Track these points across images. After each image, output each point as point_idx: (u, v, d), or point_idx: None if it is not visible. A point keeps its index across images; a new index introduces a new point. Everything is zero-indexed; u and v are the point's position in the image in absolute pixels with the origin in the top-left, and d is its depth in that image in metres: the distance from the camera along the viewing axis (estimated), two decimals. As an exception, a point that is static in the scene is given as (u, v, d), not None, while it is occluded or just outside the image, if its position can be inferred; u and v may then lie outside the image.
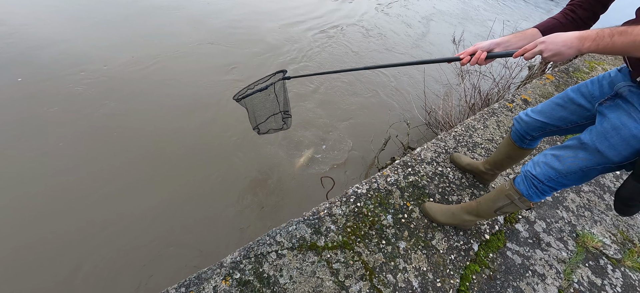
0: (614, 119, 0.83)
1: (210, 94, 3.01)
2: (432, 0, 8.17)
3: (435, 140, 1.78)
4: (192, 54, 3.53)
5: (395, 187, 1.48)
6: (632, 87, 0.83)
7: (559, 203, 1.71)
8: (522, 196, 1.04)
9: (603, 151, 0.84)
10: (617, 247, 1.59)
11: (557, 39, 0.76)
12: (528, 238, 1.48)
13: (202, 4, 4.59)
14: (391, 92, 3.80)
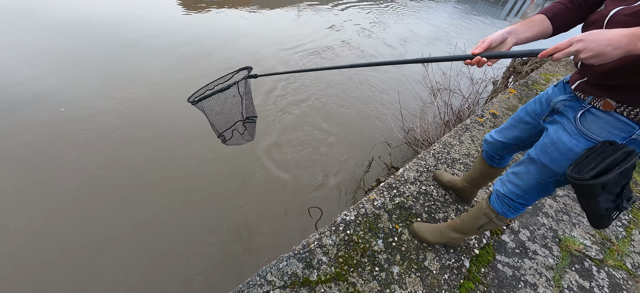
0: (552, 134, 0.88)
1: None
2: (408, 24, 9.40)
3: (416, 159, 1.83)
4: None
5: (383, 210, 1.48)
6: (565, 101, 0.88)
7: (538, 210, 1.78)
8: (498, 214, 1.08)
9: (547, 165, 0.88)
10: (598, 248, 1.65)
11: (601, 37, 0.61)
12: (515, 249, 1.51)
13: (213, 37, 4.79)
14: (369, 114, 3.92)
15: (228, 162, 2.61)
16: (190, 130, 2.89)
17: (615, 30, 0.61)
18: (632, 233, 1.82)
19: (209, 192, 2.35)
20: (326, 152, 3.08)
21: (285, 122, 3.39)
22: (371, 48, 6.44)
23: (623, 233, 1.79)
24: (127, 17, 5.17)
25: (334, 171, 2.86)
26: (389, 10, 11.41)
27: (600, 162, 0.71)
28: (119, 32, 4.62)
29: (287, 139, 3.14)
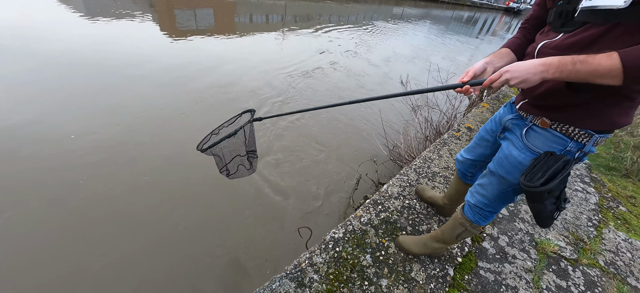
0: (505, 149, 1.01)
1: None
2: (389, 44, 10.11)
3: (399, 175, 1.93)
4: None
5: (370, 226, 1.56)
6: (513, 120, 1.01)
7: (515, 216, 1.89)
8: (472, 223, 1.18)
9: (504, 176, 1.00)
10: (572, 248, 1.77)
11: (521, 67, 0.75)
12: (495, 254, 1.60)
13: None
14: (355, 133, 4.05)
15: (228, 184, 2.66)
16: (191, 150, 2.98)
17: (534, 60, 0.75)
18: (602, 232, 1.95)
19: (211, 211, 2.41)
20: (316, 170, 3.16)
21: (279, 139, 3.49)
22: (358, 68, 6.83)
23: (594, 233, 1.92)
24: (120, 51, 5.28)
25: (324, 188, 2.93)
26: (370, 33, 12.11)
27: (546, 171, 0.82)
28: (116, 64, 4.73)
29: (282, 155, 3.25)
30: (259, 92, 4.68)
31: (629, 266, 1.73)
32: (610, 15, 0.69)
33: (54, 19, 6.48)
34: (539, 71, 0.73)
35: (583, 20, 0.75)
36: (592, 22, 0.73)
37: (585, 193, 2.29)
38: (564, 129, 0.86)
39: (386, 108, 4.65)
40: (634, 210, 2.27)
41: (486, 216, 1.14)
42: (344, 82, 5.78)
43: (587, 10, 0.73)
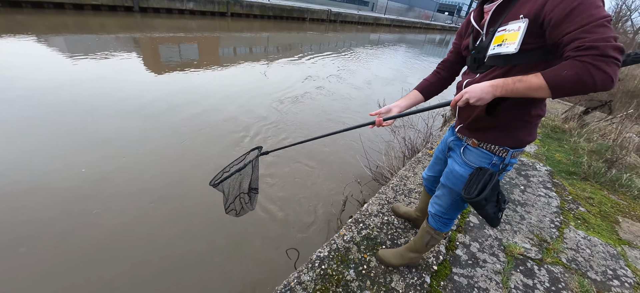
0: (449, 165, 1.21)
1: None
2: (371, 68, 10.87)
3: (378, 194, 2.10)
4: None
5: (352, 243, 1.68)
6: (453, 141, 1.22)
7: (485, 224, 2.07)
8: (436, 230, 1.34)
9: (452, 188, 1.19)
10: (537, 249, 1.94)
11: (477, 89, 0.89)
12: (468, 260, 1.75)
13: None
14: (340, 157, 4.23)
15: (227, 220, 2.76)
16: (192, 177, 3.31)
17: (486, 83, 0.89)
18: (564, 232, 2.15)
19: (209, 236, 2.52)
20: (304, 193, 3.27)
21: (269, 166, 3.62)
22: (343, 91, 7.41)
23: (556, 234, 2.12)
24: (115, 88, 5.38)
25: (313, 211, 3.04)
26: (351, 58, 12.79)
27: (478, 183, 1.01)
28: (112, 100, 4.85)
29: (271, 179, 3.40)
30: (250, 120, 4.90)
31: (588, 261, 1.92)
32: (508, 59, 0.91)
33: (39, 59, 6.53)
34: (490, 91, 0.88)
35: (490, 64, 0.97)
36: (497, 65, 0.95)
37: (547, 198, 2.52)
38: (488, 147, 1.06)
39: (368, 131, 4.91)
40: (592, 209, 2.51)
41: (446, 223, 1.31)
42: (330, 106, 6.16)
43: (492, 56, 0.95)
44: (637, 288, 1.79)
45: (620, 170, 3.00)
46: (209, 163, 3.65)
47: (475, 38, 1.04)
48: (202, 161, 3.69)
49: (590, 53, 0.70)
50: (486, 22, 0.98)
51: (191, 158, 3.67)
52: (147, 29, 12.68)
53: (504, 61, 0.92)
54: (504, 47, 0.90)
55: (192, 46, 11.17)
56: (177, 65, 8.08)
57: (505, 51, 0.89)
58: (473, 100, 0.90)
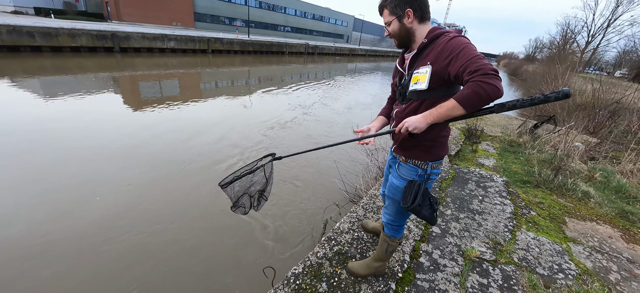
0: (390, 179, 1.45)
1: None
2: (351, 94, 11.66)
3: (349, 213, 2.29)
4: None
5: (325, 259, 1.84)
6: (392, 159, 1.47)
7: (446, 233, 2.29)
8: (390, 237, 1.55)
9: (394, 198, 1.43)
10: (491, 251, 2.17)
11: (413, 119, 1.13)
12: (430, 266, 1.94)
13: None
14: (319, 182, 4.42)
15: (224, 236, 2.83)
16: (190, 204, 3.55)
17: (419, 115, 1.13)
18: (516, 234, 2.41)
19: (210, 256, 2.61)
20: (289, 219, 3.40)
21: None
22: (327, 116, 8.04)
23: (509, 236, 2.37)
24: (108, 128, 5.37)
25: (296, 234, 3.17)
26: (333, 87, 13.47)
27: (411, 194, 1.25)
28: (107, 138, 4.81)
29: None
30: (240, 147, 5.12)
31: (537, 259, 2.16)
32: (420, 94, 1.19)
33: (8, 101, 6.46)
34: (423, 121, 1.12)
35: (410, 97, 1.25)
36: (414, 98, 1.23)
37: (502, 205, 2.81)
38: (413, 162, 1.32)
39: (343, 158, 5.18)
40: (542, 213, 2.81)
41: (396, 229, 1.52)
42: (316, 130, 6.64)
43: (411, 91, 1.23)
44: (578, 278, 2.04)
45: (565, 176, 3.38)
46: (199, 191, 3.77)
47: (400, 78, 1.33)
48: (192, 189, 3.79)
49: (477, 74, 0.98)
50: (406, 66, 1.27)
51: (187, 184, 3.82)
52: (128, 68, 12.84)
53: (417, 95, 1.21)
54: (418, 85, 1.19)
55: (173, 82, 11.38)
56: (157, 100, 8.22)
57: (419, 88, 1.18)
58: (411, 128, 1.14)
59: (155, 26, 27.51)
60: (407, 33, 1.22)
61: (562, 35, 36.60)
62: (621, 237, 2.61)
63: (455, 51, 1.06)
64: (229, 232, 3.14)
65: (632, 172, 3.83)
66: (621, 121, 6.08)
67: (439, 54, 1.11)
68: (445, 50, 1.09)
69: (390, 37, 1.27)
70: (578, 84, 10.40)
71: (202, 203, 3.60)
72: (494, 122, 6.37)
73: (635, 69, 28.84)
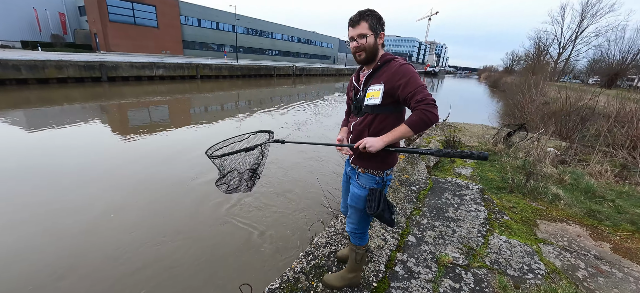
0: (352, 189, 1.55)
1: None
2: (342, 111, 12.36)
3: (327, 227, 2.36)
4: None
5: (302, 273, 1.90)
6: (351, 171, 1.58)
7: (421, 241, 2.38)
8: (356, 245, 1.64)
9: (356, 206, 1.53)
10: (464, 256, 2.26)
11: (372, 140, 1.29)
12: (404, 274, 2.01)
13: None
14: (300, 199, 4.48)
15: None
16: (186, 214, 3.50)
17: (377, 137, 1.31)
18: (488, 239, 2.51)
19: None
20: (276, 234, 3.42)
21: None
22: (319, 132, 8.51)
23: (482, 241, 2.47)
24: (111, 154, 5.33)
25: (283, 252, 3.19)
26: (323, 104, 13.84)
27: (374, 201, 1.37)
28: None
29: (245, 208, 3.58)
30: None
31: (508, 261, 2.26)
32: (374, 108, 1.36)
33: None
34: (381, 143, 1.30)
35: (365, 111, 1.41)
36: (368, 112, 1.39)
37: (477, 212, 2.93)
38: (371, 172, 1.45)
39: (327, 172, 5.28)
40: (514, 216, 2.94)
41: (361, 237, 1.62)
42: (308, 146, 6.78)
43: (366, 106, 1.39)
44: (547, 277, 2.13)
45: (537, 181, 3.55)
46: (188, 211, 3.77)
47: (356, 93, 1.49)
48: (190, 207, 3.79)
49: (422, 103, 1.21)
50: (362, 83, 1.43)
51: (181, 206, 3.80)
52: (116, 96, 12.87)
53: (371, 109, 1.37)
54: (372, 100, 1.36)
55: (163, 108, 11.44)
56: (146, 127, 8.24)
57: (374, 103, 1.35)
58: (369, 147, 1.30)
59: (143, 55, 27.82)
60: (375, 51, 1.36)
61: (535, 48, 38.88)
62: (589, 235, 2.75)
63: (406, 78, 1.27)
64: (205, 248, 3.16)
65: (600, 172, 4.05)
66: (591, 125, 6.42)
67: (392, 76, 1.30)
68: (397, 74, 1.29)
69: (357, 51, 1.35)
70: (552, 92, 10.96)
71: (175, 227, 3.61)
72: (472, 132, 6.63)
73: (606, 76, 30.58)
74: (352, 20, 1.33)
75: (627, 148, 4.88)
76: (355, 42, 1.34)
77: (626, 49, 30.86)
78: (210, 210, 3.96)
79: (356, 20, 1.32)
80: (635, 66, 31.30)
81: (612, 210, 3.18)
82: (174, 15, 32.78)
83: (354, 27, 1.33)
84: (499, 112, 15.89)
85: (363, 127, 1.41)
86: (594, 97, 6.85)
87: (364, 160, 1.46)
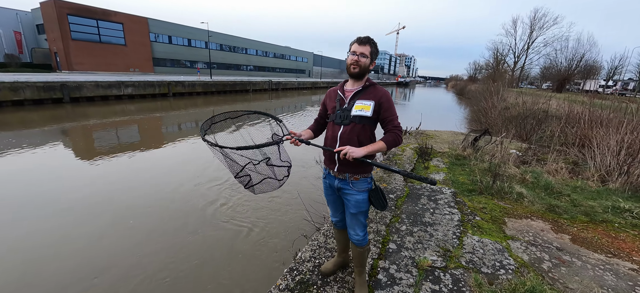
0: (351, 199, 1.66)
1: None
2: None
3: (310, 241, 2.38)
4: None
5: (287, 290, 1.89)
6: (339, 182, 1.67)
7: (401, 247, 2.47)
8: (365, 245, 1.79)
9: (360, 210, 1.68)
10: (442, 259, 2.37)
11: (355, 149, 1.47)
12: (387, 281, 2.07)
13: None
14: (282, 216, 4.45)
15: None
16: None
17: (360, 148, 1.49)
18: (462, 240, 2.65)
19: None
20: (258, 252, 3.35)
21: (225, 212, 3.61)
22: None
23: (457, 242, 2.61)
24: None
25: (267, 268, 3.12)
26: (303, 116, 13.93)
27: (379, 198, 1.60)
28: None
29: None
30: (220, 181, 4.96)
31: (481, 259, 2.40)
32: (363, 119, 1.56)
33: None
34: (362, 152, 1.48)
35: (353, 120, 1.57)
36: (357, 122, 1.57)
37: (451, 215, 3.09)
38: (363, 176, 1.62)
39: (307, 189, 5.31)
40: (485, 216, 3.13)
41: (367, 234, 1.79)
42: (293, 155, 6.69)
43: (355, 116, 1.57)
44: (517, 271, 2.29)
45: (502, 181, 3.82)
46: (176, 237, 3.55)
47: (341, 103, 1.64)
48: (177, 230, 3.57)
49: (396, 128, 1.57)
50: (349, 98, 1.62)
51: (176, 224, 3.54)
52: (80, 118, 12.10)
53: (360, 120, 1.58)
54: (363, 112, 1.57)
55: (133, 128, 10.92)
56: (115, 148, 7.80)
57: (364, 114, 1.57)
58: (350, 155, 1.47)
59: (110, 73, 26.54)
60: (366, 72, 1.62)
61: (494, 57, 42.47)
62: (551, 228, 2.99)
63: (389, 103, 1.59)
64: (188, 271, 3.02)
65: (556, 170, 4.44)
66: (546, 127, 7.05)
67: (380, 98, 1.58)
68: (384, 98, 1.58)
69: (354, 64, 1.57)
70: (512, 98, 11.89)
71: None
72: (442, 139, 7.02)
73: (556, 81, 33.90)
74: (361, 40, 1.57)
75: (577, 146, 5.41)
76: (356, 56, 1.56)
77: (571, 57, 34.74)
78: (192, 228, 3.82)
79: (365, 42, 1.57)
80: (580, 72, 35.07)
81: (568, 204, 3.49)
82: (143, 33, 31.78)
83: (360, 45, 1.57)
84: (467, 118, 16.89)
85: (352, 134, 1.58)
86: (547, 101, 7.54)
87: (355, 167, 1.61)
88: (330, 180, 1.74)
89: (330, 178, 1.74)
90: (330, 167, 1.69)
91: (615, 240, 2.80)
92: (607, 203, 3.51)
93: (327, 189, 1.81)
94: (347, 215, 1.75)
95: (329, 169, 1.72)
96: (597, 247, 2.67)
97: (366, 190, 1.65)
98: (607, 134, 4.94)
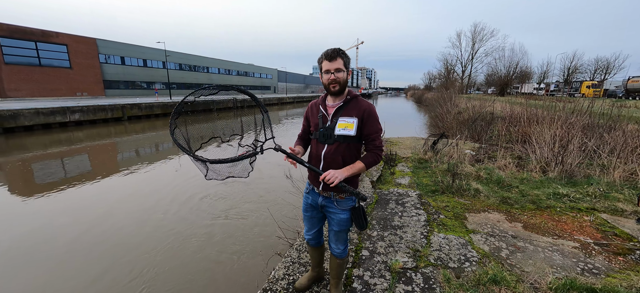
0: (335, 217, 1.66)
1: None
2: (292, 132, 12.40)
3: (283, 259, 2.32)
4: None
5: (261, 313, 1.82)
6: (324, 201, 1.66)
7: (374, 253, 2.51)
8: (345, 258, 1.80)
9: (344, 228, 1.68)
10: (412, 259, 2.46)
11: (337, 172, 1.45)
12: (362, 289, 2.08)
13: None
14: (254, 234, 4.31)
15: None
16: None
17: (341, 170, 1.49)
18: (430, 238, 2.78)
19: None
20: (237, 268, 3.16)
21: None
22: (277, 157, 8.07)
23: (425, 242, 2.73)
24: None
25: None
26: (284, 126, 13.75)
27: (361, 217, 1.55)
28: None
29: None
30: (188, 221, 4.62)
31: (448, 255, 2.52)
32: (347, 138, 1.54)
33: None
34: (343, 175, 1.48)
35: (337, 140, 1.55)
36: (340, 141, 1.55)
37: (418, 216, 3.23)
38: (347, 195, 1.61)
39: (277, 203, 5.23)
40: (448, 214, 3.32)
41: (347, 247, 1.79)
42: (266, 171, 6.51)
43: (338, 135, 1.54)
44: (480, 262, 2.44)
45: (461, 180, 4.11)
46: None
47: (323, 121, 1.61)
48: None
49: (378, 148, 1.56)
50: (331, 114, 1.59)
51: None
52: (14, 150, 10.67)
53: (344, 139, 1.55)
54: (346, 131, 1.54)
55: (82, 157, 9.89)
56: (61, 182, 6.97)
57: (348, 134, 1.53)
58: (332, 180, 1.45)
59: (54, 99, 23.99)
60: (345, 85, 1.57)
61: (444, 67, 46.90)
62: (505, 219, 3.26)
63: (373, 119, 1.55)
64: None
65: (505, 165, 4.90)
66: (494, 127, 7.78)
67: (363, 113, 1.53)
68: (367, 112, 1.53)
69: (332, 83, 1.50)
70: (463, 103, 12.99)
71: None
72: (406, 145, 7.40)
73: (498, 87, 38.29)
74: (329, 55, 1.47)
75: (520, 142, 6.04)
76: (331, 75, 1.49)
77: (508, 64, 39.91)
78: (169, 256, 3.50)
79: (334, 56, 1.47)
80: (517, 77, 40.03)
81: (518, 195, 3.85)
82: (91, 54, 29.44)
83: (331, 61, 1.47)
84: (426, 123, 18.03)
85: (336, 154, 1.56)
86: (492, 104, 8.37)
87: (340, 187, 1.53)
88: (313, 197, 1.73)
89: (314, 195, 1.72)
90: (315, 185, 1.67)
91: (558, 223, 3.14)
92: (549, 190, 3.94)
93: (307, 206, 1.79)
94: (330, 231, 1.75)
95: (313, 186, 1.70)
96: (545, 230, 2.97)
97: (348, 208, 1.64)
98: (542, 130, 5.60)
